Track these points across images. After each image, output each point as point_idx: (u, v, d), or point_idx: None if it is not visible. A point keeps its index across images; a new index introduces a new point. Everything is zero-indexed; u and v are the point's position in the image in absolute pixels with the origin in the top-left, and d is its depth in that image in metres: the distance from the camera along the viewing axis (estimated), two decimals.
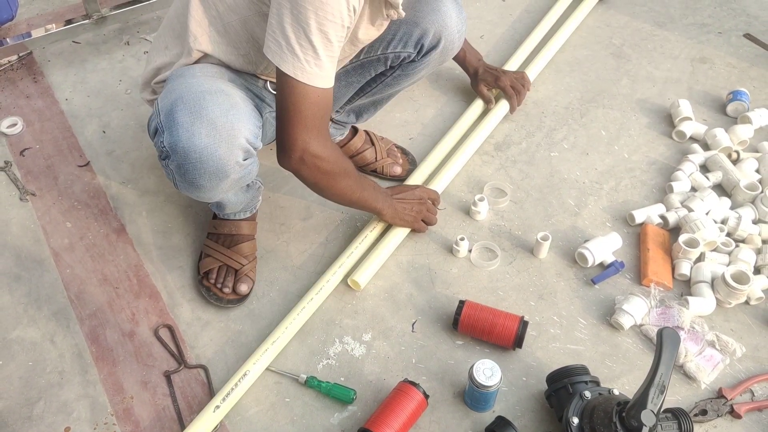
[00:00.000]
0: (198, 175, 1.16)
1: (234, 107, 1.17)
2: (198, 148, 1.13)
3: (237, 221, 1.46)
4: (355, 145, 1.67)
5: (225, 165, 1.16)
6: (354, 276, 1.43)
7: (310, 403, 1.28)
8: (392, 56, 1.43)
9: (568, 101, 1.91)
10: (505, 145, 1.78)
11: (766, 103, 1.88)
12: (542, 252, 1.51)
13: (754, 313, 1.42)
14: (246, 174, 1.25)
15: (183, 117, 1.13)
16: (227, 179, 1.20)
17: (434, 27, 1.41)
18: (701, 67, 2.02)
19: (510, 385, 1.31)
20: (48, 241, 1.55)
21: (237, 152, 1.17)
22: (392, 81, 1.50)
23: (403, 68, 1.47)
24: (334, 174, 1.26)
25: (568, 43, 2.10)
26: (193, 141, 1.13)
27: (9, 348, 1.37)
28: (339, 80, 1.46)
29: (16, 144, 1.78)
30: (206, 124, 1.13)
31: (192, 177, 1.17)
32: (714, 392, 1.30)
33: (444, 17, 1.41)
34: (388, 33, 1.40)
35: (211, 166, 1.15)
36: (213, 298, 1.42)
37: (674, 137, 1.79)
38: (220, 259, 1.45)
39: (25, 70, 2.01)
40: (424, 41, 1.42)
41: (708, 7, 2.27)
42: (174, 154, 1.15)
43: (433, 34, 1.41)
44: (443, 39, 1.43)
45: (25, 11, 2.22)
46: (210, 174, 1.16)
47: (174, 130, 1.13)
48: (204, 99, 1.14)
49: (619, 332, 1.39)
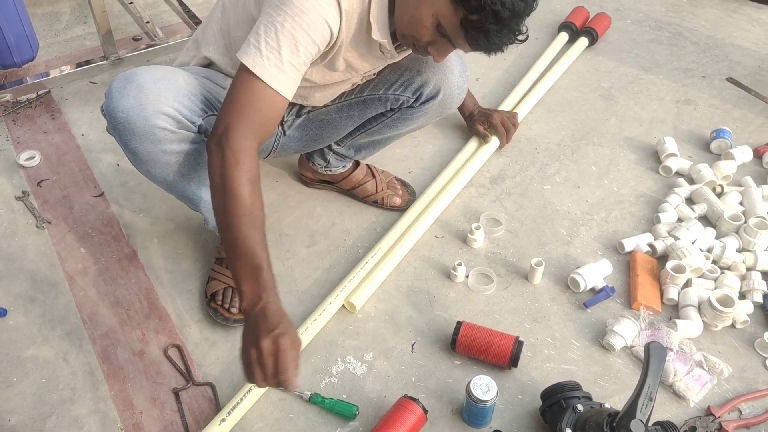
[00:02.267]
0: (129, 137, 1.23)
1: (168, 80, 1.24)
2: (125, 107, 1.20)
3: None
4: (356, 177, 1.75)
5: (152, 127, 1.21)
6: (350, 298, 1.50)
7: (313, 419, 1.33)
8: (392, 98, 1.52)
9: (560, 139, 2.01)
10: (500, 178, 1.87)
11: (748, 141, 1.98)
12: (536, 277, 1.57)
13: (740, 336, 1.48)
14: (188, 150, 1.28)
15: (117, 83, 1.23)
16: (160, 144, 1.24)
17: (435, 79, 1.48)
18: (686, 108, 2.14)
19: (506, 403, 1.36)
20: (63, 265, 1.62)
21: (163, 117, 1.21)
22: (392, 123, 1.58)
23: (402, 112, 1.55)
24: (225, 173, 1.12)
25: (559, 85, 2.22)
26: (121, 102, 1.21)
27: (23, 366, 1.42)
28: (341, 112, 1.55)
29: (34, 175, 1.87)
30: (134, 87, 1.21)
31: (126, 140, 1.24)
32: (703, 410, 1.35)
33: (446, 72, 1.49)
34: (393, 75, 1.49)
35: (138, 126, 1.21)
36: (220, 318, 1.48)
37: (661, 172, 1.88)
38: (225, 281, 1.51)
39: (43, 107, 2.12)
40: (423, 90, 1.49)
41: (692, 53, 2.40)
42: (108, 117, 1.24)
43: (433, 85, 1.49)
44: (442, 92, 1.51)
45: (44, 53, 2.34)
46: (139, 135, 1.22)
47: (108, 95, 1.23)
48: (142, 71, 1.23)
49: (611, 353, 1.44)
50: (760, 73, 2.29)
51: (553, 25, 2.51)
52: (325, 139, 1.64)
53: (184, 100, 1.25)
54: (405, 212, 1.72)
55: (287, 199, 1.80)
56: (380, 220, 1.74)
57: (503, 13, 1.11)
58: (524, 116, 2.04)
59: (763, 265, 1.58)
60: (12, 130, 2.02)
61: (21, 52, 2.13)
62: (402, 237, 1.64)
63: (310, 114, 1.55)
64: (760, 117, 2.10)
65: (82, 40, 2.44)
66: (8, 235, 1.69)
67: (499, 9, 1.10)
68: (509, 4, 1.10)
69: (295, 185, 1.84)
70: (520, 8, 1.13)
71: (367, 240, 1.69)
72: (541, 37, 2.46)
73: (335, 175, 1.76)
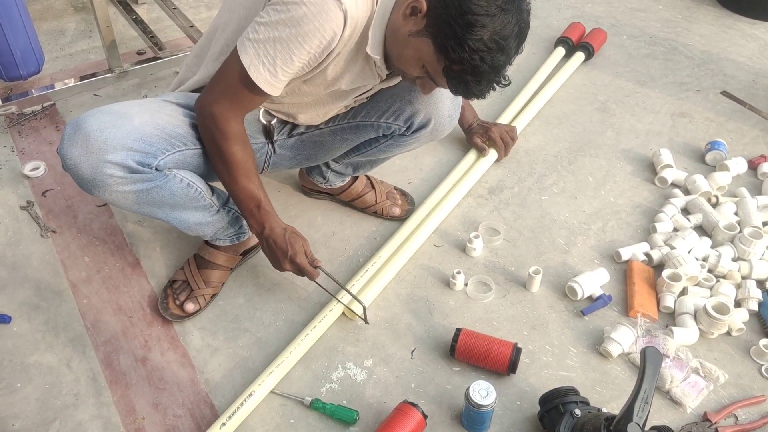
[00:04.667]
0: (80, 182, 1.27)
1: (119, 126, 1.25)
2: (73, 155, 1.24)
3: (215, 250, 1.58)
4: (356, 189, 1.78)
5: (100, 174, 1.24)
6: (350, 305, 1.52)
7: (313, 424, 1.34)
8: (384, 126, 1.53)
9: (557, 150, 2.04)
10: (499, 189, 1.90)
11: (743, 153, 2.01)
12: (534, 285, 1.59)
13: (736, 344, 1.49)
14: (146, 188, 1.31)
15: (68, 129, 1.26)
16: (112, 188, 1.27)
17: (425, 110, 1.49)
18: (681, 121, 2.17)
19: (505, 409, 1.37)
20: (66, 273, 1.64)
21: (110, 165, 1.24)
22: (385, 148, 1.60)
23: (395, 139, 1.57)
24: (219, 146, 1.32)
25: (557, 98, 2.26)
26: (70, 149, 1.24)
27: (27, 372, 1.43)
28: (334, 135, 1.57)
29: (38, 186, 1.89)
30: (82, 136, 1.23)
31: (79, 183, 1.28)
32: (699, 416, 1.36)
33: (437, 102, 1.49)
34: (384, 103, 1.50)
35: (87, 173, 1.24)
36: (162, 305, 1.54)
37: (657, 183, 1.91)
38: (186, 275, 1.57)
39: (48, 119, 2.15)
40: (413, 120, 1.51)
41: (686, 67, 2.44)
42: (61, 160, 1.27)
43: (423, 115, 1.50)
44: (433, 121, 1.52)
45: (49, 66, 2.37)
46: (89, 181, 1.26)
47: (60, 140, 1.27)
48: (92, 117, 1.25)
49: (608, 360, 1.46)
50: (754, 87, 2.33)
51: (550, 39, 2.55)
52: (318, 159, 1.66)
53: (136, 145, 1.26)
54: (405, 222, 1.74)
55: (288, 208, 1.82)
56: (380, 230, 1.76)
57: (482, 68, 1.15)
58: (522, 129, 2.07)
59: (758, 273, 1.60)
60: (17, 142, 2.05)
61: (27, 65, 2.16)
62: (402, 246, 1.66)
63: (303, 135, 1.57)
64: (755, 129, 2.13)
65: (87, 54, 2.47)
66: (13, 244, 1.72)
67: (479, 64, 1.14)
68: (489, 59, 1.14)
69: (296, 195, 1.87)
70: (500, 63, 1.16)
71: (367, 249, 1.71)
72: (538, 52, 2.50)
73: (335, 188, 1.79)
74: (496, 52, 1.14)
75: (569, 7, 2.84)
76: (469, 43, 1.12)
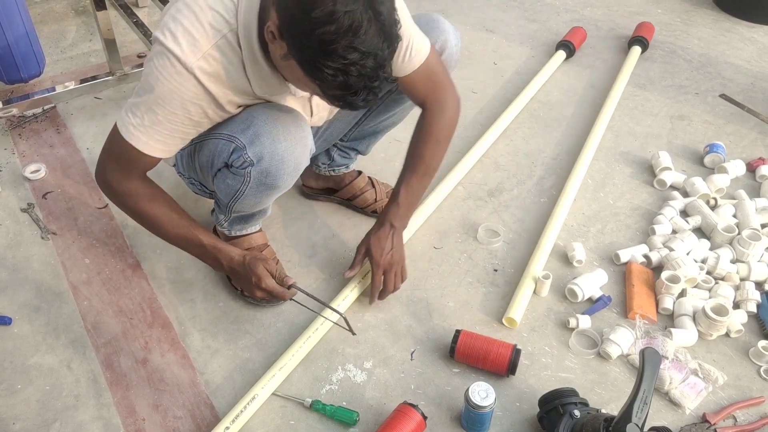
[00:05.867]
0: (279, 176, 1.35)
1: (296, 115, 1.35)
2: (279, 150, 1.31)
3: (249, 236, 1.58)
4: (358, 185, 1.79)
5: (300, 163, 1.36)
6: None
7: (313, 425, 1.35)
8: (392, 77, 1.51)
9: (556, 153, 2.05)
10: (498, 191, 1.90)
11: (741, 156, 2.02)
12: (544, 290, 1.59)
13: (735, 345, 1.50)
14: None
15: (261, 127, 1.30)
16: (297, 176, 1.39)
17: (438, 41, 1.48)
18: (680, 124, 2.18)
19: (504, 410, 1.37)
20: (67, 275, 1.64)
21: (307, 152, 1.36)
22: (398, 97, 1.56)
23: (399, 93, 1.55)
24: (134, 211, 1.38)
25: (556, 101, 2.27)
26: (275, 145, 1.30)
27: (27, 373, 1.43)
28: (343, 114, 1.60)
29: (39, 188, 1.90)
30: (282, 130, 1.30)
31: (273, 179, 1.35)
32: (698, 417, 1.36)
33: (445, 32, 1.49)
34: None
35: (291, 165, 1.34)
36: (264, 303, 1.55)
37: (655, 185, 1.92)
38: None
39: (49, 121, 2.15)
40: None
41: (685, 71, 2.45)
42: (259, 161, 1.32)
43: (438, 47, 1.47)
44: (446, 50, 1.50)
45: (50, 69, 2.38)
46: (289, 173, 1.36)
47: (257, 141, 1.30)
48: (270, 111, 1.32)
49: (608, 361, 1.46)
50: (752, 90, 2.34)
51: (550, 43, 2.57)
52: (330, 139, 1.70)
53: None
54: None
55: (288, 211, 1.83)
56: None
57: (352, 81, 1.09)
58: (514, 131, 2.07)
59: (757, 275, 1.61)
60: (18, 144, 2.06)
61: (28, 67, 2.17)
62: None
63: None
64: (753, 132, 2.14)
65: (88, 57, 2.48)
66: (14, 246, 1.72)
67: (346, 78, 1.08)
68: (356, 71, 1.07)
69: (296, 197, 1.87)
70: (370, 69, 1.08)
71: None
72: (537, 55, 2.51)
73: (338, 177, 1.79)
74: (360, 60, 1.06)
75: (568, 10, 2.85)
76: (328, 63, 1.06)
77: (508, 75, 2.40)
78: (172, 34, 1.17)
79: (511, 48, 2.57)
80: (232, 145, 1.33)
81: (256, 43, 1.20)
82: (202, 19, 1.17)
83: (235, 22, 1.19)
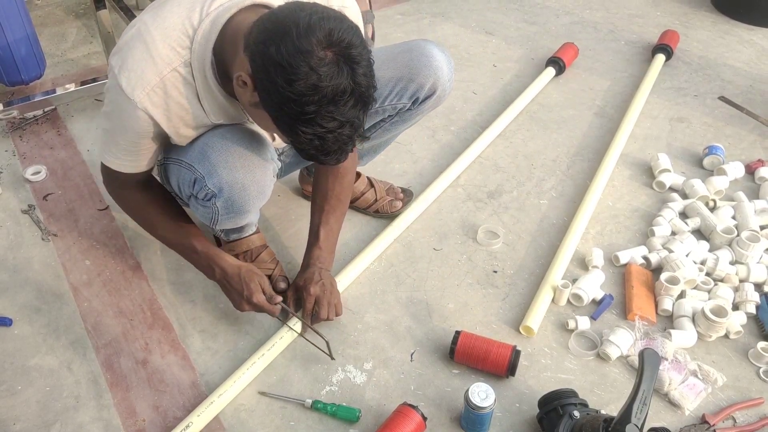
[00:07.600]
0: (245, 202, 1.36)
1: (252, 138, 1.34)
2: (238, 179, 1.31)
3: (246, 238, 1.58)
4: (358, 188, 1.79)
5: (264, 185, 1.37)
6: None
7: (313, 426, 1.35)
8: (389, 108, 1.55)
9: (555, 155, 2.06)
10: (498, 193, 1.91)
11: (740, 158, 2.02)
12: (563, 299, 1.57)
13: (734, 347, 1.50)
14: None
15: (216, 157, 1.30)
16: (266, 198, 1.41)
17: (429, 81, 1.51)
18: (679, 126, 2.18)
19: (504, 411, 1.38)
20: (67, 277, 1.65)
21: (269, 173, 1.37)
22: (390, 126, 1.62)
23: (400, 115, 1.59)
24: (124, 210, 1.50)
25: (555, 103, 2.27)
26: (233, 175, 1.31)
27: (28, 374, 1.44)
28: None
29: (40, 190, 1.90)
30: (238, 157, 1.30)
31: (239, 206, 1.37)
32: (698, 418, 1.37)
33: (437, 71, 1.50)
34: (385, 89, 1.52)
35: (254, 190, 1.35)
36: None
37: (655, 187, 1.92)
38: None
39: (49, 123, 2.16)
40: (419, 94, 1.52)
41: (684, 73, 2.46)
42: (221, 191, 1.32)
43: (428, 87, 1.52)
44: (438, 89, 1.53)
45: (51, 71, 2.39)
46: (254, 197, 1.37)
47: (214, 173, 1.30)
48: (224, 139, 1.30)
49: (607, 363, 1.47)
50: (751, 92, 2.35)
51: (549, 46, 2.57)
52: None
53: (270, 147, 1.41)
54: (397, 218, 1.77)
55: (288, 212, 1.83)
56: (379, 233, 1.77)
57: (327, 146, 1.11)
58: (514, 134, 2.08)
59: (756, 276, 1.61)
60: (18, 146, 2.06)
61: (28, 70, 2.18)
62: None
63: None
64: (752, 134, 2.15)
65: (88, 59, 2.49)
66: (14, 247, 1.72)
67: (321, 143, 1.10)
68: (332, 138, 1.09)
69: (296, 199, 1.88)
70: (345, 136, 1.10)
71: (364, 243, 1.71)
72: (536, 57, 2.52)
73: None
74: (338, 129, 1.08)
75: (567, 13, 2.86)
76: (305, 128, 1.07)
77: (507, 77, 2.41)
78: (123, 66, 1.20)
79: (511, 50, 2.58)
80: (192, 176, 1.35)
81: (211, 75, 1.20)
82: (153, 52, 1.18)
83: (188, 54, 1.19)
